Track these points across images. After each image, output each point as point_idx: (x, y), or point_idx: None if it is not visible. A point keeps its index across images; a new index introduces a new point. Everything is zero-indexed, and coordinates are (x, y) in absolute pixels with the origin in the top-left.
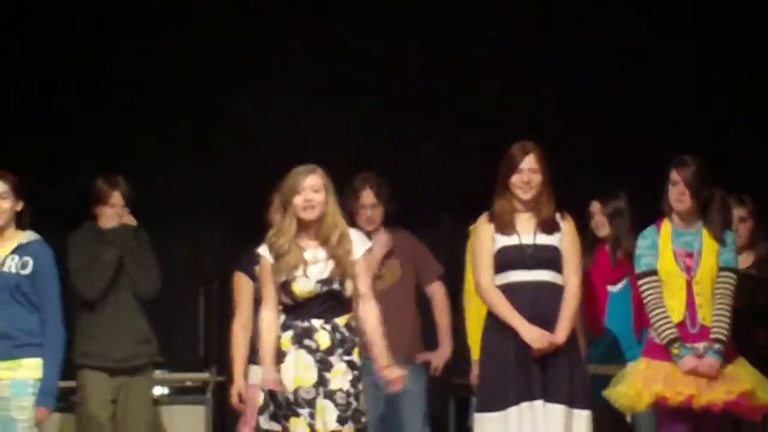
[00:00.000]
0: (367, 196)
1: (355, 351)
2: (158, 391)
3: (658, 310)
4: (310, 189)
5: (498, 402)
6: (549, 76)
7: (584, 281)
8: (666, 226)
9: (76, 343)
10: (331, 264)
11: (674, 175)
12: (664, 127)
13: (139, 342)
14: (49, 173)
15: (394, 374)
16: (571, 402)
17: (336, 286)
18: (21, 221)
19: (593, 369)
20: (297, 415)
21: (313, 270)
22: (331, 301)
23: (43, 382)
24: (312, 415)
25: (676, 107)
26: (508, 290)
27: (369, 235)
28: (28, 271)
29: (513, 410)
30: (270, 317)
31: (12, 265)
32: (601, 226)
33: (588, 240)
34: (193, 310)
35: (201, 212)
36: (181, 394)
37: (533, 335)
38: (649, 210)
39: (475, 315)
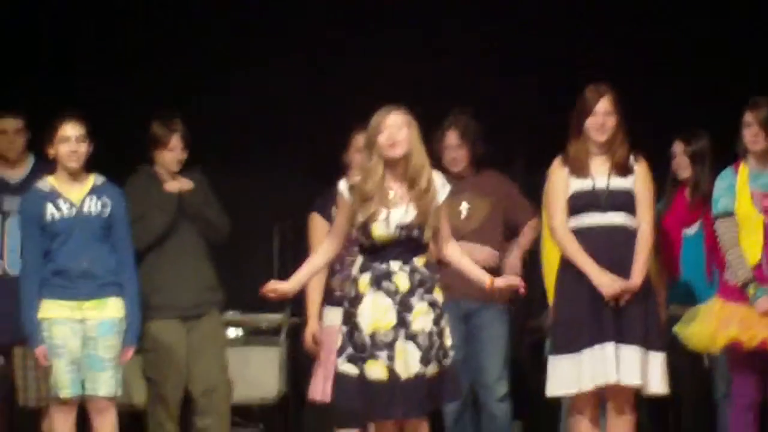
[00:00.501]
0: (451, 137)
1: (436, 289)
2: (232, 333)
3: (733, 250)
4: (394, 126)
5: (571, 344)
6: (622, 18)
7: (659, 224)
8: (743, 167)
9: (141, 292)
10: (413, 209)
11: (748, 117)
12: (740, 71)
13: (204, 289)
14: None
15: (505, 282)
16: (647, 344)
17: (416, 232)
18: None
19: (671, 310)
20: (375, 357)
21: (395, 214)
22: (411, 243)
23: (129, 322)
24: (390, 358)
25: (752, 50)
26: (582, 233)
27: (455, 176)
28: (107, 211)
29: (586, 352)
30: (329, 247)
31: (92, 205)
32: (684, 168)
33: (668, 182)
34: (267, 250)
35: (276, 151)
36: (255, 335)
37: (603, 280)
38: (727, 154)
39: (550, 259)
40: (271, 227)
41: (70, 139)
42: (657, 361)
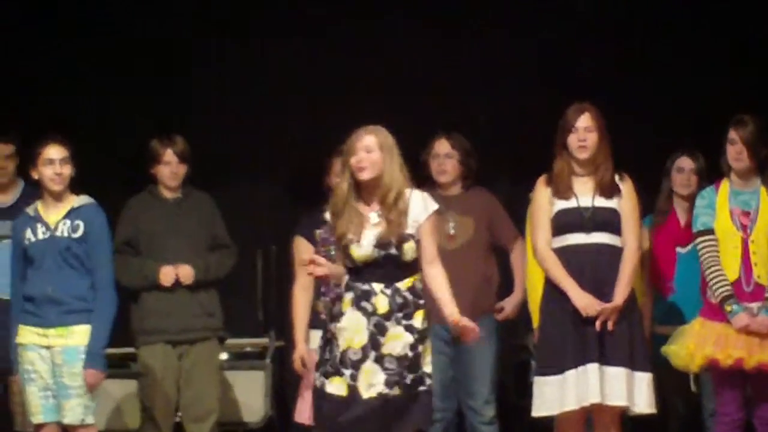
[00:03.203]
0: (440, 145)
1: (418, 315)
2: None
3: (713, 268)
4: (363, 149)
5: (556, 364)
6: (607, 34)
7: (653, 240)
8: (724, 185)
9: (132, 316)
10: (386, 228)
11: (732, 134)
12: (724, 88)
13: (197, 315)
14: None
15: (465, 324)
16: (632, 365)
17: (393, 250)
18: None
19: (657, 328)
20: (340, 374)
21: (368, 234)
22: (391, 264)
23: (90, 343)
24: (354, 377)
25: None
26: (567, 253)
27: (442, 187)
28: (79, 234)
29: (571, 373)
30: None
31: (64, 229)
32: (688, 185)
33: (660, 199)
34: (252, 274)
35: (259, 175)
36: (240, 359)
37: (584, 301)
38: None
39: (535, 280)
40: (255, 249)
41: (54, 161)
42: (643, 381)
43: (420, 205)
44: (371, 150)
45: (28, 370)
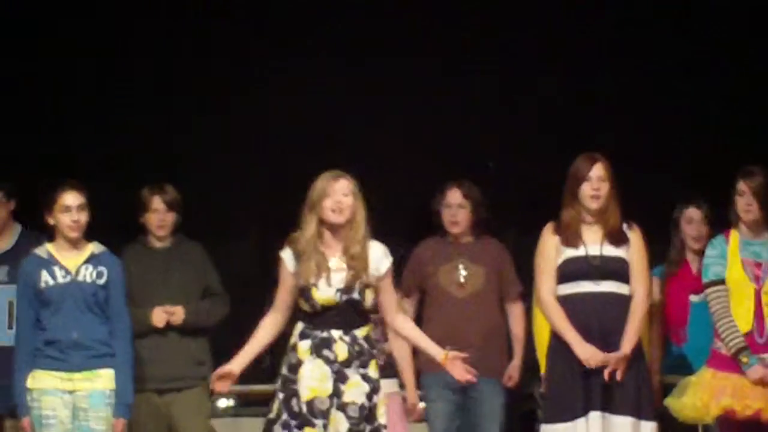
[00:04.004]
0: (453, 195)
1: (372, 364)
2: (223, 403)
3: (725, 320)
4: (341, 192)
5: (565, 413)
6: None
7: (665, 290)
8: (734, 235)
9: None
10: (349, 274)
11: (741, 186)
12: (731, 137)
13: (186, 363)
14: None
15: (454, 359)
16: (638, 413)
17: (356, 296)
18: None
19: (666, 378)
20: (312, 425)
21: (335, 277)
22: (351, 311)
23: (119, 393)
24: (325, 426)
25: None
26: (574, 301)
27: (451, 236)
28: (103, 281)
29: (580, 421)
30: (274, 321)
31: (87, 275)
32: (700, 236)
33: (672, 248)
34: (258, 320)
35: (265, 222)
36: (246, 405)
37: (586, 353)
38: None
39: (542, 328)
40: (262, 295)
41: (71, 208)
42: (648, 429)
43: (380, 256)
44: (347, 194)
45: (48, 416)
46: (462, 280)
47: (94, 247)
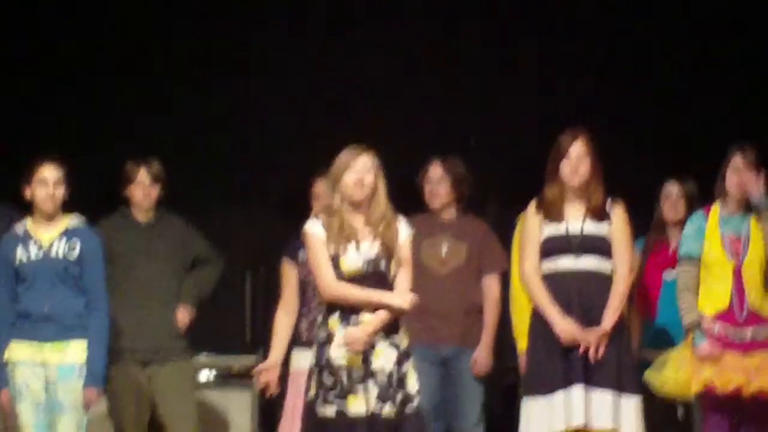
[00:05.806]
0: (434, 170)
1: (401, 331)
2: (205, 376)
3: (684, 294)
4: (363, 168)
5: (544, 386)
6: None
7: (640, 265)
8: (714, 211)
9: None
10: (377, 245)
11: (738, 161)
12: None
13: (167, 335)
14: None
15: None
16: (620, 387)
17: (382, 267)
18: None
19: (644, 353)
20: (355, 392)
21: (362, 248)
22: (376, 281)
23: (88, 363)
24: (366, 391)
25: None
26: (555, 278)
27: (436, 211)
28: (75, 254)
29: (559, 394)
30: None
31: (59, 249)
32: (678, 210)
33: (652, 225)
34: (240, 294)
35: (249, 196)
36: (228, 378)
37: (562, 327)
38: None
39: (521, 304)
40: (244, 269)
41: (48, 182)
42: (630, 404)
43: (406, 231)
44: (369, 170)
45: (21, 386)
46: (444, 255)
47: (69, 221)
